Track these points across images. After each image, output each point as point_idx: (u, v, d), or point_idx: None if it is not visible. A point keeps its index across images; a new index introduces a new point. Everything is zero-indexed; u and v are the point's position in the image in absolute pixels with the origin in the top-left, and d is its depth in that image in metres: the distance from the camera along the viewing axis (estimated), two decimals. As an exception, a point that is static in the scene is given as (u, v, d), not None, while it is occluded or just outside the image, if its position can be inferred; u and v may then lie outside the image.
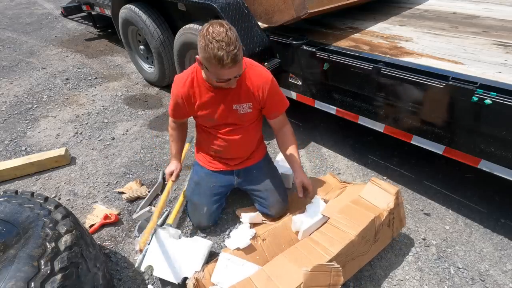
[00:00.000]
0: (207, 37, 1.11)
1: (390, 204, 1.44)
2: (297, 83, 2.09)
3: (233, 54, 1.11)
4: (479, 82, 1.35)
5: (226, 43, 1.10)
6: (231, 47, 1.10)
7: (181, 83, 1.40)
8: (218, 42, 1.09)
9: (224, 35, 1.10)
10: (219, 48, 1.09)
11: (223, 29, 1.11)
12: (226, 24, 1.13)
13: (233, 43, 1.11)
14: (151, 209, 1.68)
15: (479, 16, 2.43)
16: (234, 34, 1.13)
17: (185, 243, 1.47)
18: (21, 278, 0.96)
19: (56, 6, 6.42)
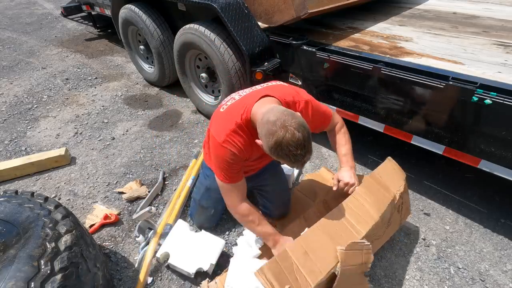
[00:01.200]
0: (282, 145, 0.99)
1: (401, 187, 1.45)
2: (297, 83, 2.09)
3: (308, 159, 1.06)
4: (479, 82, 1.36)
5: (305, 150, 1.01)
6: (307, 154, 1.03)
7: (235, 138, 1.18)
8: (296, 147, 0.99)
9: (302, 142, 0.99)
10: (295, 153, 1.00)
11: (301, 134, 0.99)
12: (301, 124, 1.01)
13: (309, 149, 1.03)
14: (151, 209, 1.68)
15: (479, 16, 2.43)
16: (309, 138, 1.02)
17: (202, 237, 1.52)
18: (21, 278, 0.96)
19: (56, 6, 6.42)
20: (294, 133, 0.98)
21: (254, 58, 1.99)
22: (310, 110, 1.31)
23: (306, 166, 2.18)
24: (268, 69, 1.97)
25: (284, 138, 0.98)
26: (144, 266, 1.48)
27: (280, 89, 1.30)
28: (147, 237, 1.61)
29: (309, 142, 1.03)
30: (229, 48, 2.07)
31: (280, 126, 0.99)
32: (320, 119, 1.41)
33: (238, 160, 1.21)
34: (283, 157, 1.03)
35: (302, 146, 1.00)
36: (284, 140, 0.98)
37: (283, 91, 1.29)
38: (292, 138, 0.98)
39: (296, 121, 1.01)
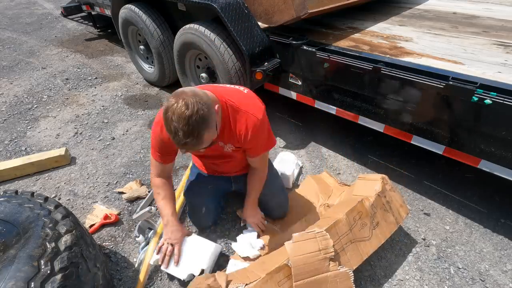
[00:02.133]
0: (168, 113, 0.95)
1: (377, 188, 1.48)
2: (297, 83, 2.09)
3: (191, 145, 0.98)
4: (479, 82, 1.36)
5: (186, 132, 0.94)
6: (190, 137, 0.95)
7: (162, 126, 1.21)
8: (175, 128, 0.94)
9: (185, 122, 0.93)
10: (176, 133, 0.95)
11: (188, 112, 0.93)
12: (193, 103, 0.94)
13: (194, 133, 0.95)
14: (151, 209, 1.68)
15: (479, 16, 2.43)
16: (198, 121, 0.95)
17: (194, 241, 1.47)
18: (21, 278, 0.96)
19: (56, 6, 6.42)
20: (185, 105, 0.93)
21: (254, 58, 1.99)
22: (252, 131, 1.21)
23: (306, 166, 2.18)
24: (268, 69, 1.97)
25: (172, 106, 0.94)
26: (144, 266, 1.48)
27: (231, 91, 1.25)
28: (147, 237, 1.61)
29: (197, 126, 0.95)
30: (229, 48, 2.07)
31: (176, 96, 0.97)
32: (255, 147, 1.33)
33: (162, 143, 1.28)
34: (165, 124, 0.98)
35: (185, 123, 0.93)
36: (170, 108, 0.95)
37: (233, 94, 1.24)
38: (179, 109, 0.93)
39: (196, 100, 0.95)
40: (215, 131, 1.07)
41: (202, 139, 0.99)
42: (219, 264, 1.53)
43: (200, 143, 1.00)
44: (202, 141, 1.00)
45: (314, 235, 1.22)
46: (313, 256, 1.18)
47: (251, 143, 1.27)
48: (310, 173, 2.12)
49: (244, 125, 1.21)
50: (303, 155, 2.29)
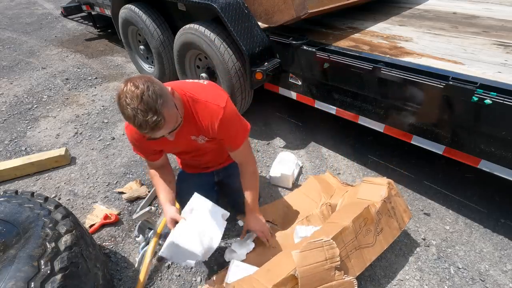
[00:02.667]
0: (121, 98, 0.92)
1: (383, 193, 1.46)
2: (297, 83, 2.09)
3: (153, 122, 0.92)
4: (479, 82, 1.35)
5: (143, 109, 0.90)
6: (149, 114, 0.91)
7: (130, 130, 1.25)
8: (132, 109, 0.90)
9: (139, 100, 0.90)
10: (135, 116, 0.91)
11: (139, 91, 0.90)
12: (142, 83, 0.92)
13: (152, 109, 0.91)
14: (151, 209, 1.67)
15: (479, 16, 2.43)
16: (152, 96, 0.91)
17: (200, 212, 1.32)
18: (21, 278, 0.96)
19: (56, 6, 6.42)
20: (134, 85, 0.91)
21: (254, 58, 1.99)
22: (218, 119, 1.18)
23: (306, 166, 2.18)
24: (268, 69, 1.97)
25: (122, 90, 0.92)
26: (144, 266, 1.48)
27: (189, 84, 1.24)
28: (147, 237, 1.62)
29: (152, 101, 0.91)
30: (229, 48, 2.07)
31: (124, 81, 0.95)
32: (229, 136, 1.29)
33: (133, 136, 1.26)
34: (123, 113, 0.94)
35: (139, 101, 0.90)
36: (122, 94, 0.92)
37: (191, 86, 1.22)
38: (129, 90, 0.91)
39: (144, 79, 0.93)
40: (176, 111, 1.02)
41: (163, 116, 0.94)
42: (219, 263, 1.53)
43: (162, 121, 0.94)
44: (164, 118, 0.94)
45: (321, 244, 1.20)
46: (320, 266, 1.17)
47: (223, 133, 1.24)
48: (310, 173, 2.12)
49: (208, 116, 1.19)
50: (303, 155, 2.29)
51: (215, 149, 1.46)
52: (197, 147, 1.37)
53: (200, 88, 1.23)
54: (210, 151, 1.47)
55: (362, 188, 1.57)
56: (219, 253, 1.56)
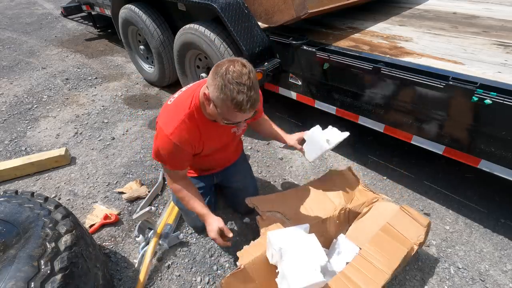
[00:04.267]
0: (226, 76, 0.99)
1: (421, 237, 1.35)
2: (297, 83, 2.09)
3: (253, 100, 1.03)
4: (479, 82, 1.36)
5: (248, 87, 1.00)
6: (251, 92, 1.01)
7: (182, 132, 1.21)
8: (239, 85, 0.99)
9: (246, 78, 1.00)
10: (239, 92, 0.99)
11: (246, 70, 1.01)
12: (248, 64, 1.03)
13: (254, 88, 1.03)
14: (151, 209, 1.67)
15: (479, 16, 2.43)
16: (255, 77, 1.04)
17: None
18: (21, 278, 0.96)
19: (56, 6, 6.42)
20: (242, 64, 1.02)
21: (254, 58, 1.99)
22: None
23: (306, 166, 2.18)
24: (268, 69, 1.97)
25: (229, 68, 1.00)
26: (144, 266, 1.48)
27: None
28: (147, 237, 1.61)
29: (255, 80, 1.04)
30: (229, 48, 2.07)
31: (228, 61, 1.04)
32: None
33: (183, 151, 1.25)
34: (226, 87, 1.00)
35: (247, 77, 1.00)
36: (229, 70, 1.00)
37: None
38: (239, 67, 1.01)
39: (246, 62, 1.04)
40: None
41: (259, 95, 1.07)
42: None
43: (258, 101, 1.07)
44: (259, 97, 1.08)
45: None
46: None
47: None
48: (310, 173, 2.12)
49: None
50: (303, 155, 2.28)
51: (234, 145, 1.57)
52: (232, 139, 1.46)
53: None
54: (231, 147, 1.54)
55: (397, 217, 1.42)
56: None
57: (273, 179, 2.07)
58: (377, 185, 2.01)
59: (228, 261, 1.58)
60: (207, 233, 1.33)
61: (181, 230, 1.73)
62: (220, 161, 1.60)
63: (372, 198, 1.61)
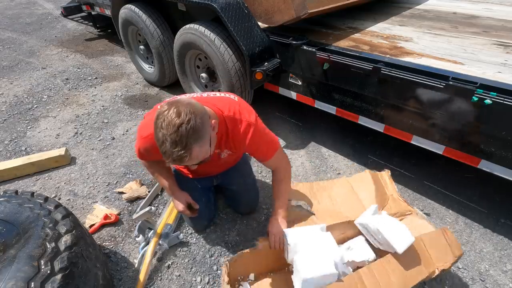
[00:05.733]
0: (157, 120, 0.90)
1: (447, 264, 1.26)
2: (297, 83, 2.09)
3: (178, 156, 0.91)
4: (479, 82, 1.36)
5: (173, 140, 0.88)
6: (178, 147, 0.89)
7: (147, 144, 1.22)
8: (163, 135, 0.89)
9: (174, 130, 0.87)
10: (163, 143, 0.90)
11: (178, 121, 0.87)
12: (186, 113, 0.88)
13: (182, 143, 0.89)
14: (151, 209, 1.68)
15: (479, 16, 2.43)
16: (189, 131, 0.88)
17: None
18: (21, 278, 0.96)
19: (56, 6, 6.42)
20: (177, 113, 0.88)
21: (254, 58, 1.99)
22: (249, 135, 1.20)
23: (306, 166, 2.18)
24: (268, 69, 1.97)
25: (163, 112, 0.89)
26: (144, 266, 1.48)
27: (224, 102, 1.23)
28: (147, 237, 1.62)
29: (186, 136, 0.88)
30: (229, 48, 2.07)
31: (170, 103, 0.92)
32: (259, 150, 1.30)
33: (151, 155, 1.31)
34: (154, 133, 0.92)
35: (174, 131, 0.87)
36: (162, 115, 0.89)
37: (227, 104, 1.22)
38: (169, 116, 0.88)
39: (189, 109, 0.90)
40: (208, 148, 1.01)
41: (191, 152, 0.92)
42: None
43: (188, 157, 0.93)
44: (191, 154, 0.93)
45: None
46: None
47: (253, 148, 1.28)
48: (310, 173, 2.12)
49: (242, 132, 1.21)
50: (303, 155, 2.29)
51: (228, 161, 1.45)
52: (217, 161, 1.38)
53: (234, 104, 1.24)
54: (223, 163, 1.45)
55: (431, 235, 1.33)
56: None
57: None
58: (377, 185, 2.01)
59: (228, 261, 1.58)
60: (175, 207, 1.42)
61: (181, 230, 1.73)
62: (210, 171, 1.56)
63: (405, 210, 1.52)
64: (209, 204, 1.71)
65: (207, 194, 1.68)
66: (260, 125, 1.26)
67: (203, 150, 0.99)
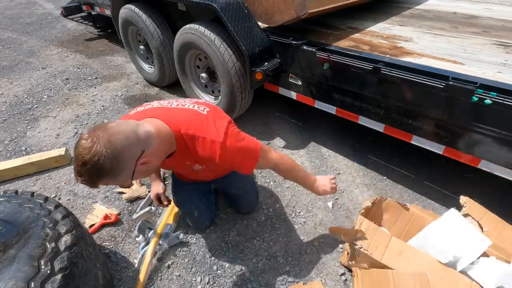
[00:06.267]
0: (76, 146, 0.87)
1: None
2: (297, 83, 2.10)
3: (83, 184, 0.89)
4: (479, 82, 1.35)
5: (77, 172, 0.85)
6: (82, 177, 0.85)
7: None
8: (74, 163, 0.86)
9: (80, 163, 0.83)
10: (74, 168, 0.87)
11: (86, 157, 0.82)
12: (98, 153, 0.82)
13: (85, 177, 0.85)
14: (151, 209, 1.68)
15: (479, 16, 2.43)
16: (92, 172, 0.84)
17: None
18: (21, 278, 0.97)
19: (56, 6, 6.42)
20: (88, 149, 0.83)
21: (254, 58, 1.99)
22: (217, 154, 1.07)
23: (306, 166, 2.18)
24: (268, 69, 1.97)
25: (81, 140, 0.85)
26: (144, 266, 1.48)
27: (188, 116, 1.12)
28: (147, 237, 1.62)
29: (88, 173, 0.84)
30: (229, 48, 2.07)
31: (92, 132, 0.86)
32: (235, 166, 1.21)
33: None
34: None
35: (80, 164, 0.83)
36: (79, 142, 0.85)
37: (191, 119, 1.11)
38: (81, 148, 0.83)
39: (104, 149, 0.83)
40: (124, 179, 0.93)
41: (96, 185, 0.89)
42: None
43: (94, 187, 0.90)
44: (96, 186, 0.90)
45: None
46: None
47: (227, 164, 1.16)
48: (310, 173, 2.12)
49: (207, 150, 1.09)
50: (303, 155, 2.29)
51: (210, 173, 1.46)
52: (192, 171, 1.30)
53: (199, 120, 1.11)
54: (205, 175, 1.47)
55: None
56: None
57: (272, 179, 2.07)
58: (377, 185, 2.01)
59: (228, 261, 1.59)
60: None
61: (181, 230, 1.73)
62: (205, 176, 1.51)
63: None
64: (210, 205, 1.71)
65: (207, 195, 1.68)
66: (230, 139, 1.10)
67: (116, 182, 0.93)
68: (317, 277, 1.50)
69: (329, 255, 1.60)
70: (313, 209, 1.86)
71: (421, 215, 1.50)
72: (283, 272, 1.53)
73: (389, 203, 1.55)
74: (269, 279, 1.50)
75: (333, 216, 1.81)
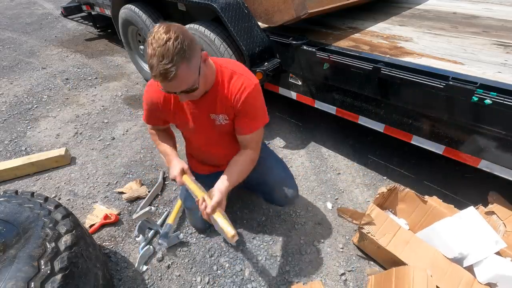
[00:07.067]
0: (149, 37, 0.93)
1: None
2: (297, 83, 2.09)
3: (164, 69, 0.91)
4: (479, 82, 1.35)
5: (160, 53, 0.90)
6: (164, 60, 0.90)
7: (156, 87, 1.22)
8: (153, 49, 0.91)
9: (162, 43, 0.89)
10: (152, 56, 0.91)
11: (166, 36, 0.90)
12: (175, 31, 0.91)
13: (169, 57, 0.90)
14: (151, 209, 1.68)
15: (479, 16, 2.43)
16: (176, 46, 0.90)
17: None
18: (21, 278, 0.97)
19: (56, 6, 6.42)
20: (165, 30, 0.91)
21: (254, 58, 1.99)
22: (247, 92, 1.16)
23: (306, 166, 2.18)
24: (268, 69, 1.97)
25: (154, 30, 0.93)
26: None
27: (228, 61, 1.24)
28: (147, 237, 1.62)
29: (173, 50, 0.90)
30: (229, 48, 2.07)
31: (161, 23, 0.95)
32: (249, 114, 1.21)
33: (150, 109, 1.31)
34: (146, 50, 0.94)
35: (162, 44, 0.89)
36: (152, 32, 0.92)
37: (230, 61, 1.24)
38: (159, 32, 0.91)
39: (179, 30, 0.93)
40: (195, 74, 1.00)
41: (177, 68, 0.92)
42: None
43: (174, 73, 0.92)
44: (177, 70, 0.92)
45: None
46: None
47: (246, 108, 1.19)
48: (310, 173, 2.12)
49: (239, 86, 1.16)
50: (303, 155, 2.29)
51: (226, 141, 1.37)
52: (212, 129, 1.28)
53: (238, 64, 1.25)
54: (222, 142, 1.37)
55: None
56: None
57: (273, 179, 2.07)
58: (377, 185, 2.01)
59: (228, 261, 1.59)
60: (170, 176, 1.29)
61: (181, 230, 1.73)
62: (216, 157, 1.47)
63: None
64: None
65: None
66: (260, 90, 1.21)
67: (190, 74, 0.98)
68: (317, 277, 1.51)
69: (329, 255, 1.60)
70: (313, 209, 1.86)
71: (439, 209, 1.53)
72: (283, 272, 1.53)
73: (407, 193, 1.59)
74: (269, 279, 1.50)
75: (333, 216, 1.81)
